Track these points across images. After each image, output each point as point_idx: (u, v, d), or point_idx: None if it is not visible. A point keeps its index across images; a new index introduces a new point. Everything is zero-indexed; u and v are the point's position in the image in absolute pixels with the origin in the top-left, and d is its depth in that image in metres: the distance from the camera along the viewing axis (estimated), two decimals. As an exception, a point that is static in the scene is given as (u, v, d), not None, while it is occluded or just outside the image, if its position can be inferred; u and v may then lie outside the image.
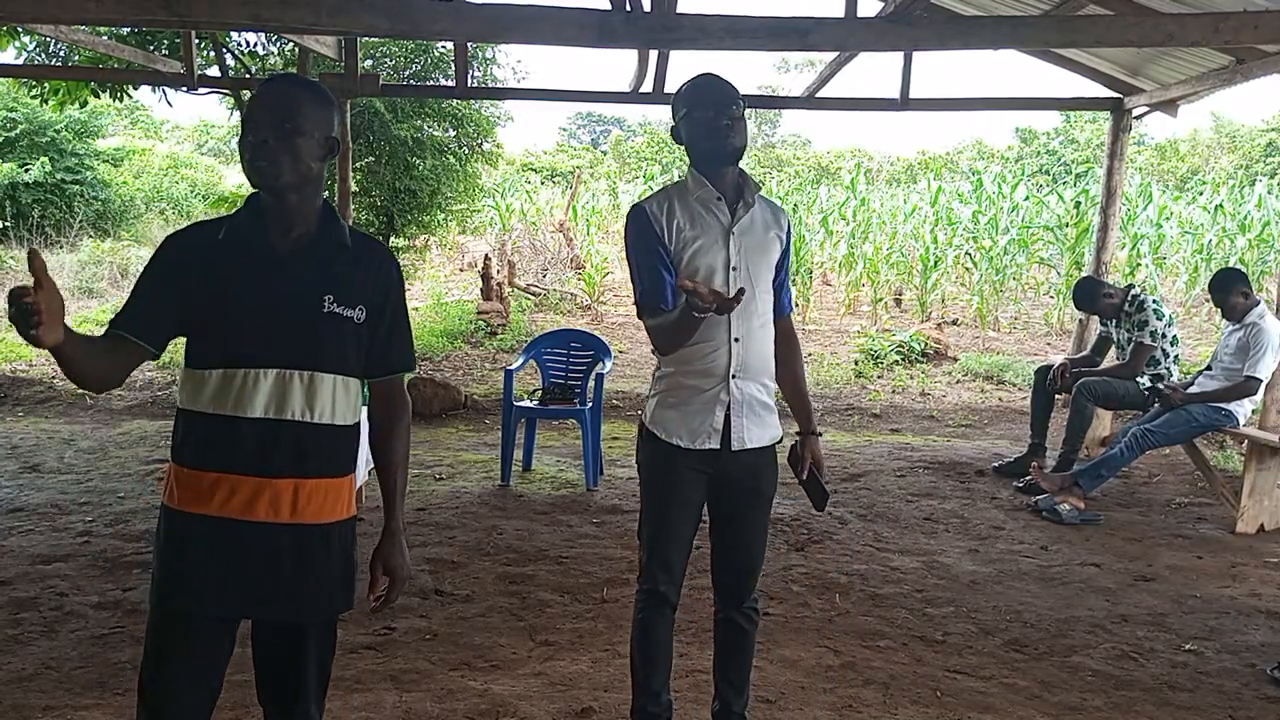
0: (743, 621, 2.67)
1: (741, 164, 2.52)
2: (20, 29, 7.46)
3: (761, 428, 2.54)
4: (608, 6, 5.19)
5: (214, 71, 8.19)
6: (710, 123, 2.40)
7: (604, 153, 33.97)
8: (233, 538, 1.86)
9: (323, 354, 1.89)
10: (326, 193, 1.99)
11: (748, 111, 2.50)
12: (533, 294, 12.97)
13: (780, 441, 2.64)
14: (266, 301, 1.86)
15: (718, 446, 2.49)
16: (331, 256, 1.92)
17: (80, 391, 7.44)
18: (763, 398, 2.53)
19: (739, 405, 2.48)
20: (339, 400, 1.92)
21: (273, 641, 1.99)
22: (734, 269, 2.45)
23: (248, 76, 8.48)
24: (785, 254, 2.60)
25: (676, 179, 2.64)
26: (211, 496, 1.85)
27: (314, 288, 1.89)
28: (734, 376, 2.46)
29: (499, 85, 9.36)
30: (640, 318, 2.51)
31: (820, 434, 2.79)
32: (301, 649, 1.98)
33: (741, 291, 2.17)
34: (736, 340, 2.45)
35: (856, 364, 9.74)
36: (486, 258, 12.25)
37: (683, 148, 2.53)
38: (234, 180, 20.23)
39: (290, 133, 1.83)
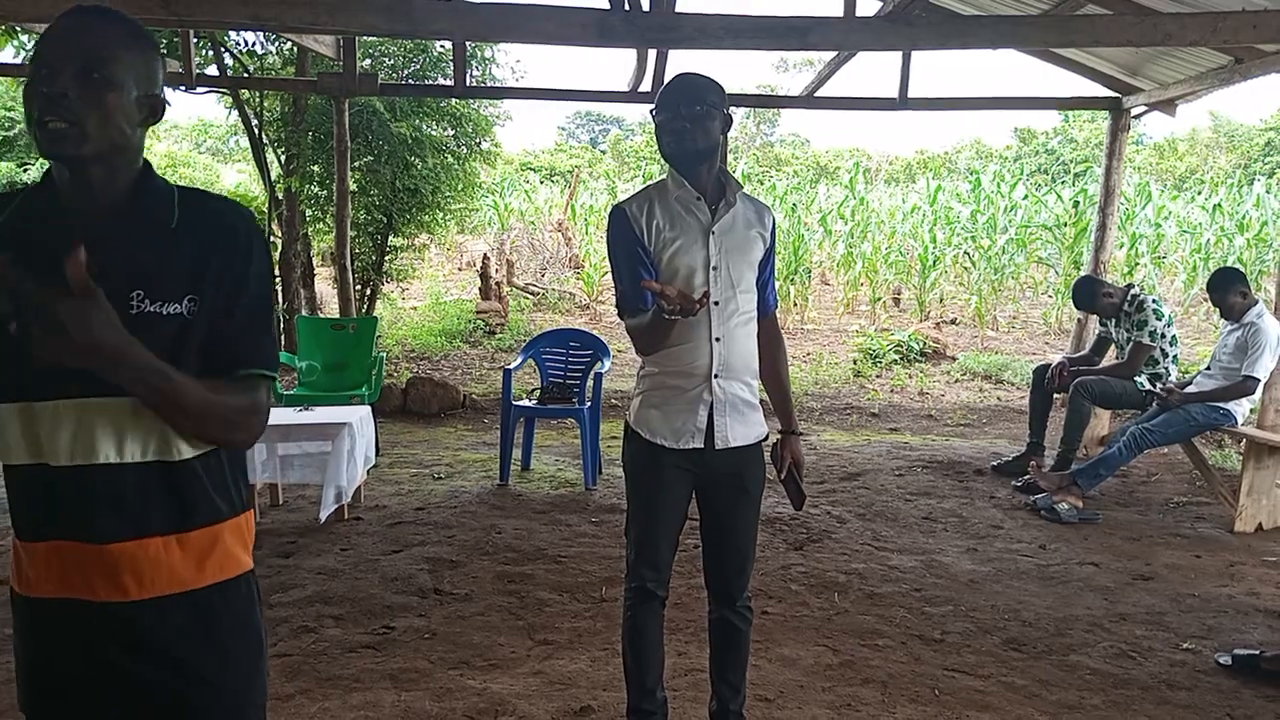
0: (736, 620, 2.67)
1: (741, 164, 2.53)
2: (19, 28, 7.45)
3: (745, 426, 2.53)
4: (606, 6, 5.20)
5: (212, 71, 8.19)
6: (666, 125, 2.39)
7: (603, 152, 33.98)
8: (85, 622, 1.45)
9: None
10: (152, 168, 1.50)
11: (747, 111, 2.50)
12: (531, 293, 12.98)
13: (766, 439, 2.64)
14: None
15: (701, 445, 2.48)
16: (145, 237, 1.44)
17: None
18: (746, 396, 2.52)
19: (722, 404, 2.47)
20: (167, 428, 1.44)
21: None
22: (714, 268, 2.44)
23: (246, 76, 8.49)
24: (769, 253, 2.58)
25: (657, 179, 2.63)
26: (49, 572, 1.44)
27: (118, 284, 1.38)
28: (716, 376, 2.45)
29: (498, 84, 9.36)
30: (621, 318, 2.51)
31: (801, 433, 2.77)
32: None
33: (706, 295, 2.19)
34: (718, 340, 2.44)
35: (855, 363, 9.75)
36: (485, 257, 12.26)
37: None
38: (232, 179, 20.21)
39: (100, 85, 1.37)
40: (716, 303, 2.42)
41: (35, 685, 1.52)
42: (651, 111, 2.46)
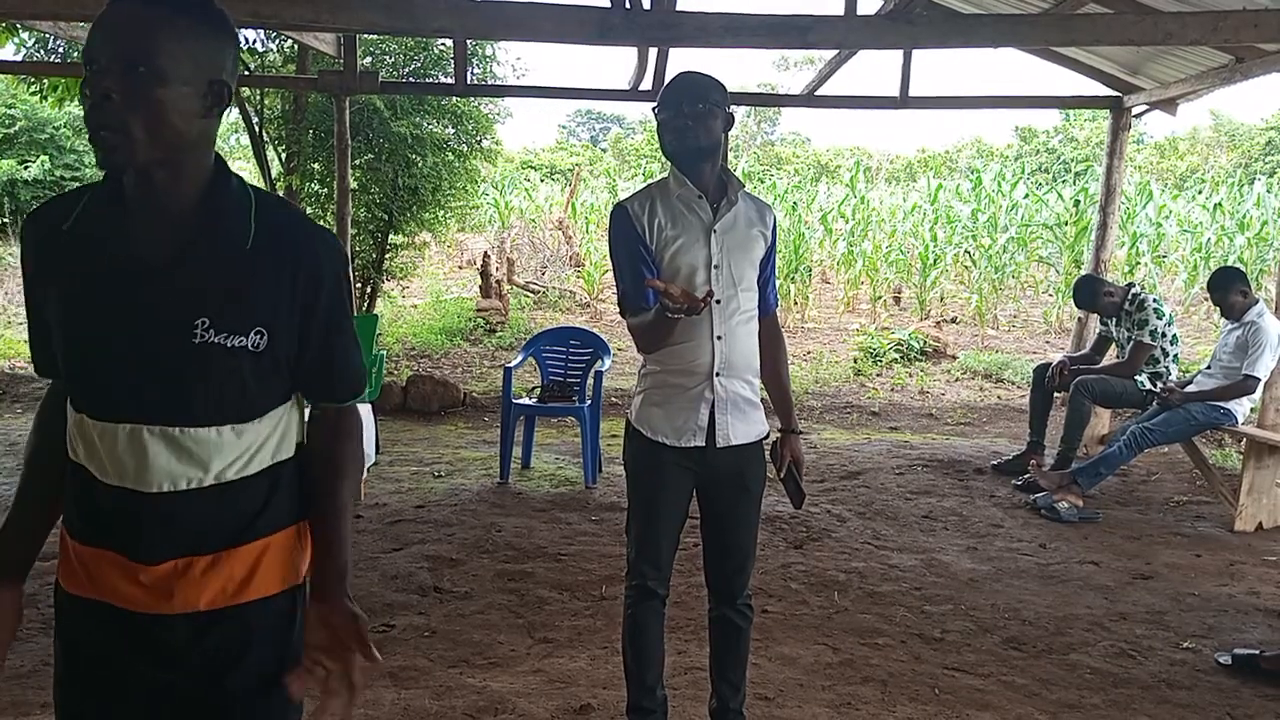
0: (737, 619, 2.67)
1: (741, 163, 2.53)
2: (19, 26, 7.45)
3: (747, 424, 2.54)
4: (607, 4, 5.19)
5: (213, 68, 8.18)
6: (668, 123, 2.40)
7: (603, 150, 33.97)
8: (117, 625, 1.40)
9: (192, 402, 1.34)
10: (248, 169, 1.43)
11: (748, 109, 2.50)
12: (532, 291, 12.98)
13: (768, 437, 2.65)
14: (114, 328, 1.32)
15: (703, 444, 2.49)
16: (215, 260, 1.33)
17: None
18: (747, 394, 2.53)
19: (723, 402, 2.48)
20: (229, 452, 1.38)
21: None
22: (716, 267, 2.44)
23: (247, 74, 8.48)
24: (770, 251, 2.59)
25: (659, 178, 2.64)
26: (86, 572, 1.40)
27: (182, 310, 1.31)
28: (718, 374, 2.46)
29: (499, 83, 9.35)
30: (623, 316, 2.52)
31: (801, 432, 2.78)
32: None
33: (710, 294, 2.22)
34: (719, 338, 2.45)
35: (855, 362, 9.74)
36: (486, 255, 12.25)
37: None
38: (233, 177, 20.24)
39: (145, 80, 1.23)
40: (718, 301, 2.43)
41: (65, 676, 1.47)
42: (654, 109, 2.47)
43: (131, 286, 1.32)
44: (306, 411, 1.54)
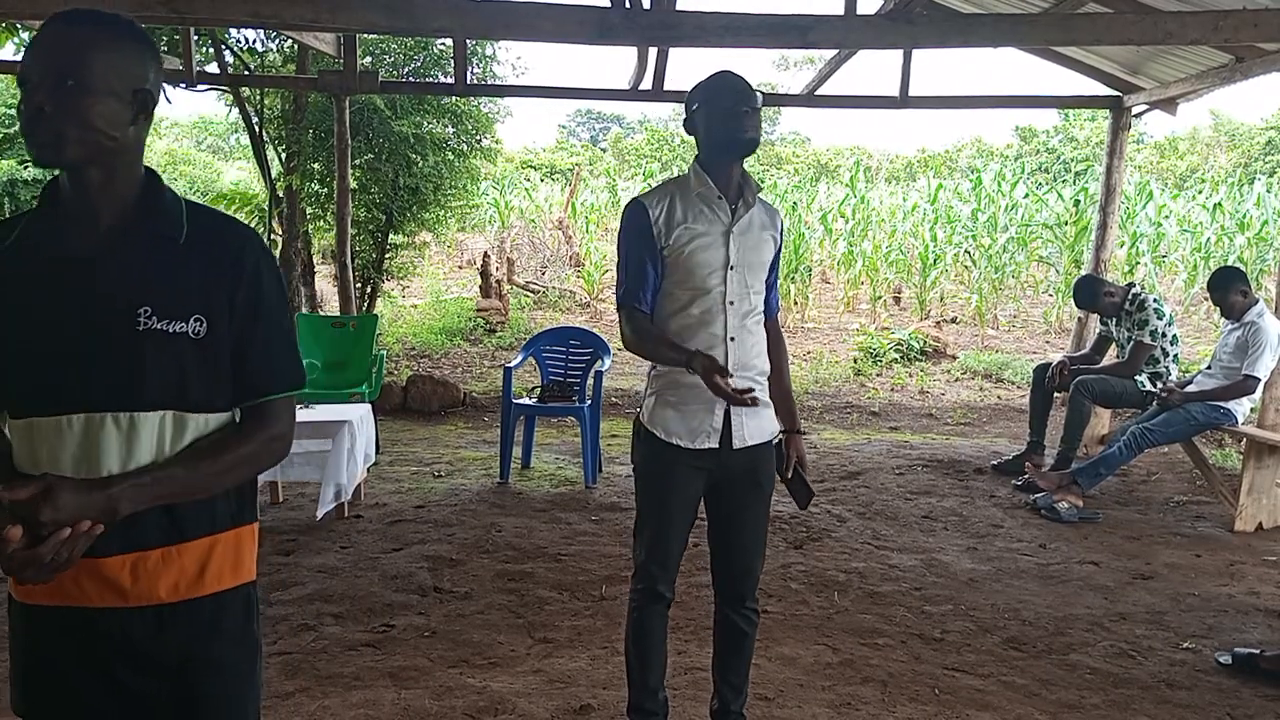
0: (742, 623, 2.67)
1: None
2: (19, 25, 7.45)
3: (760, 423, 2.54)
4: (607, 4, 5.19)
5: (213, 68, 8.18)
6: (729, 110, 2.39)
7: (603, 150, 33.95)
8: (80, 627, 1.46)
9: (142, 388, 1.41)
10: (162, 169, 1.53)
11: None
12: (532, 291, 12.98)
13: (778, 436, 2.65)
14: (62, 323, 1.40)
15: (716, 445, 2.48)
16: (152, 252, 1.44)
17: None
18: (758, 393, 2.50)
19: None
20: (175, 441, 1.45)
21: None
22: (732, 268, 2.45)
23: (246, 74, 8.48)
24: (777, 254, 2.61)
25: (677, 174, 2.63)
26: (44, 584, 1.42)
27: (126, 298, 1.41)
28: (730, 375, 2.41)
29: (499, 82, 9.35)
30: (618, 309, 2.52)
31: (804, 432, 2.79)
32: None
33: (751, 391, 2.27)
34: (731, 339, 2.45)
35: (855, 362, 9.74)
36: (485, 255, 12.26)
37: (693, 140, 2.53)
38: (232, 176, 20.22)
39: (74, 92, 1.35)
40: (732, 302, 2.44)
41: (30, 688, 1.51)
42: (694, 97, 2.46)
43: (75, 281, 1.41)
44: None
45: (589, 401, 5.76)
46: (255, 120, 8.96)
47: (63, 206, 1.45)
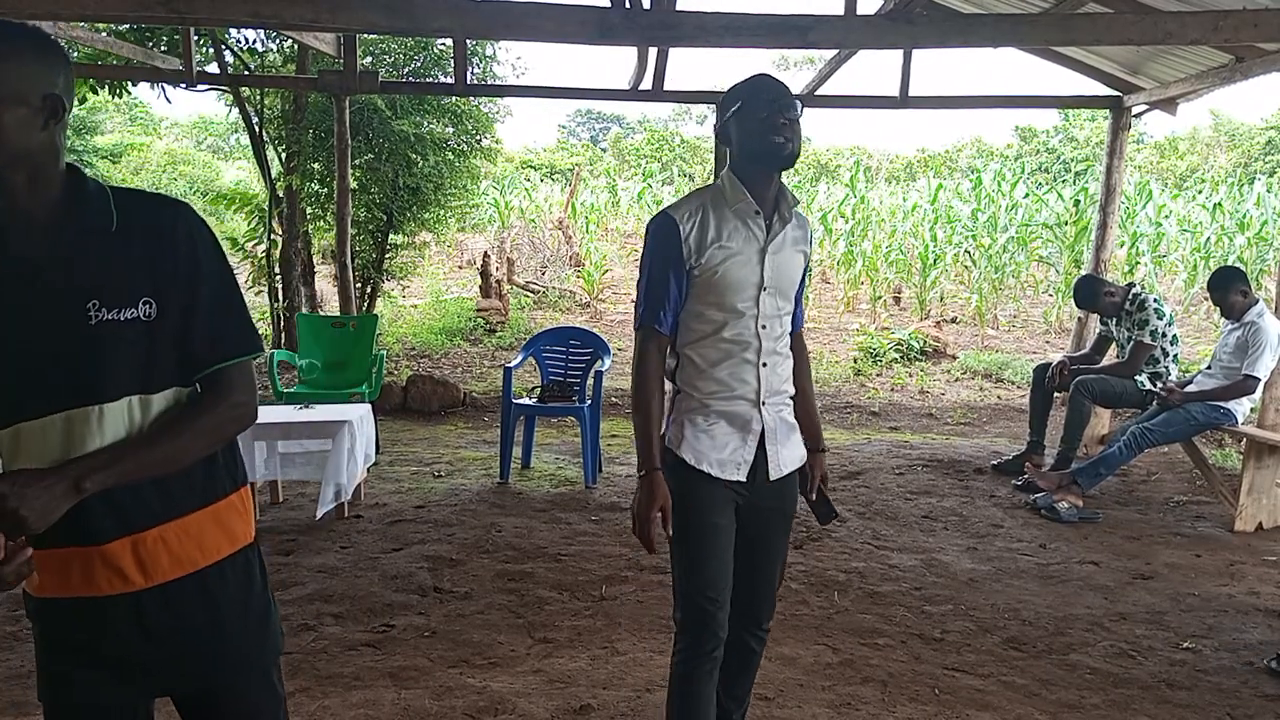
0: (754, 643, 2.52)
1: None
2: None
3: (792, 449, 2.40)
4: (607, 4, 5.19)
5: (213, 68, 8.19)
6: (767, 120, 2.19)
7: (603, 150, 33.94)
8: (93, 616, 1.52)
9: (106, 379, 1.46)
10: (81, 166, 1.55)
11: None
12: (532, 291, 12.98)
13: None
14: (20, 333, 1.43)
15: (744, 479, 2.30)
16: (89, 244, 1.46)
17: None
18: (788, 418, 2.39)
19: (771, 431, 2.32)
20: (143, 427, 1.50)
21: (195, 711, 1.67)
22: (765, 289, 2.27)
23: (246, 74, 8.49)
24: (807, 268, 2.46)
25: (710, 183, 2.45)
26: (52, 575, 1.50)
27: (73, 296, 1.44)
28: (764, 403, 2.30)
29: (499, 82, 9.36)
30: (636, 329, 2.32)
31: (826, 449, 2.63)
32: (234, 714, 1.66)
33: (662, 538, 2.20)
34: (764, 365, 2.29)
35: (855, 362, 9.75)
36: (485, 255, 12.26)
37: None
38: (232, 176, 20.23)
39: None
40: (764, 326, 2.27)
41: (50, 675, 1.58)
42: (730, 103, 2.26)
43: (21, 284, 1.43)
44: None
45: (589, 401, 5.77)
46: (255, 120, 8.96)
47: None
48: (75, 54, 8.26)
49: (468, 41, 7.46)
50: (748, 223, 2.26)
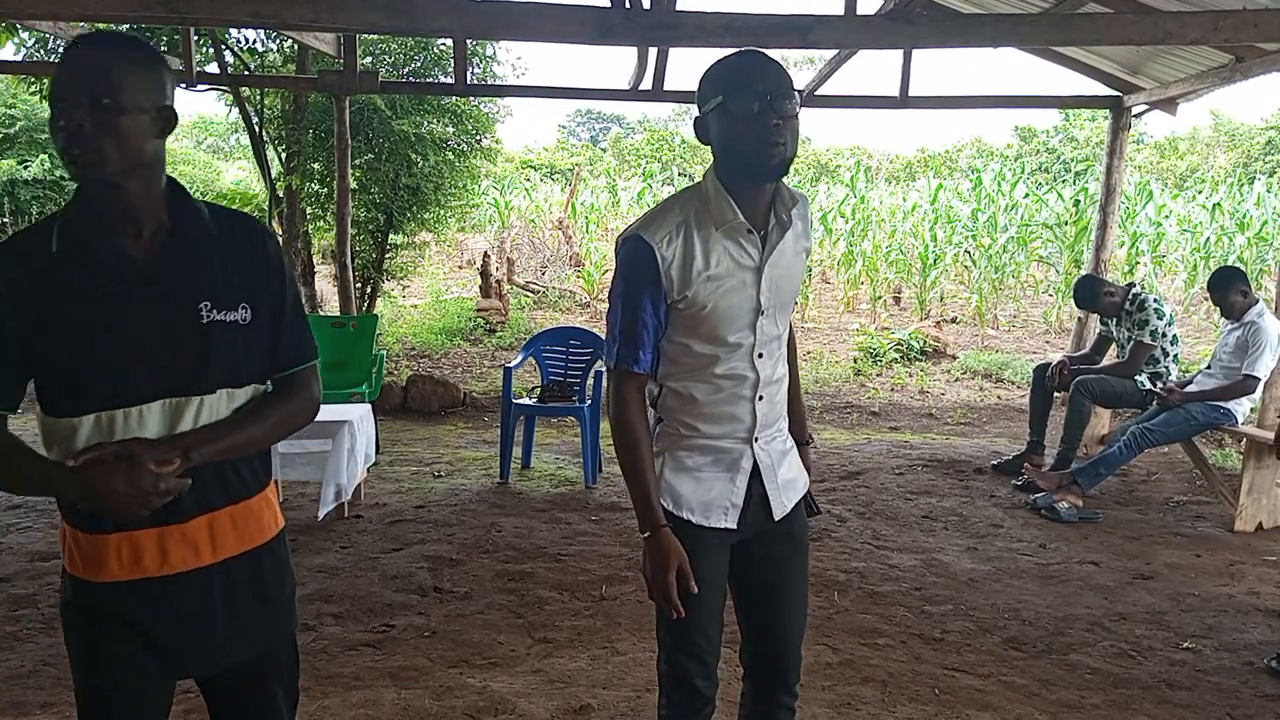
0: (784, 714, 2.16)
1: None
2: (19, 25, 7.45)
3: (792, 477, 2.10)
4: (607, 4, 5.19)
5: (213, 68, 8.18)
6: (751, 121, 1.76)
7: (603, 150, 33.95)
8: (152, 597, 1.61)
9: (210, 374, 1.61)
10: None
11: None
12: (532, 291, 12.98)
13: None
14: (135, 326, 1.55)
15: (734, 526, 1.99)
16: (198, 252, 1.61)
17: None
18: (781, 445, 2.08)
19: (767, 469, 2.01)
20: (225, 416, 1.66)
21: (231, 685, 1.77)
22: (763, 313, 1.92)
23: (246, 74, 8.48)
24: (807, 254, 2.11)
25: (687, 185, 2.06)
26: (118, 561, 1.59)
27: (187, 297, 1.58)
28: (756, 439, 1.99)
29: (499, 82, 9.35)
30: (608, 368, 1.97)
31: (811, 442, 2.34)
32: (264, 680, 1.78)
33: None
34: (760, 399, 1.97)
35: (855, 362, 9.74)
36: (485, 255, 12.25)
37: (695, 141, 2.08)
38: (233, 176, 20.22)
39: (111, 110, 1.47)
40: (761, 355, 1.95)
41: (86, 659, 1.65)
42: (709, 93, 1.82)
43: (139, 284, 1.56)
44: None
45: (589, 401, 5.77)
46: (255, 120, 8.96)
47: (101, 216, 1.56)
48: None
49: (468, 41, 7.46)
50: (739, 242, 1.88)
